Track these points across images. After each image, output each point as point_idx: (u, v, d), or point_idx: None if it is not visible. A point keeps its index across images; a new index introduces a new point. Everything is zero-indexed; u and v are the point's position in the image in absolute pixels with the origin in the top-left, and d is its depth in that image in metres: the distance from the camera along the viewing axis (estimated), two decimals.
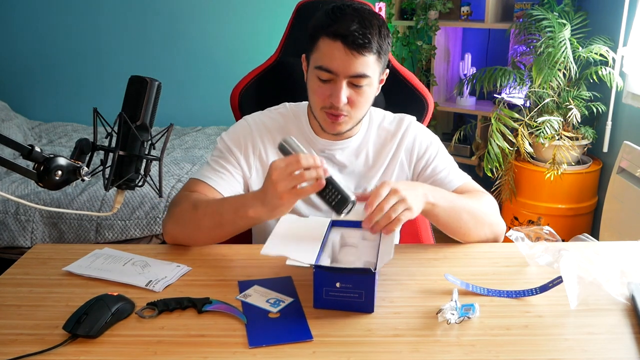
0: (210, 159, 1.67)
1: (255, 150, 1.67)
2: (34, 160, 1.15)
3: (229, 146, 1.66)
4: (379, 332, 1.17)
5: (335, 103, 1.50)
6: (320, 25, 1.49)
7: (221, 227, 1.48)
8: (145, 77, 1.24)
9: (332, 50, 1.47)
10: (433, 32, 4.03)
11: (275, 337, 1.14)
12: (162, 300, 1.25)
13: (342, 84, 1.49)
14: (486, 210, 1.58)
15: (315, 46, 1.51)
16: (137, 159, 1.28)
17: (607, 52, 3.29)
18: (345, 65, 1.47)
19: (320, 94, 1.53)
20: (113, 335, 1.16)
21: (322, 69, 1.49)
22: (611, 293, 1.27)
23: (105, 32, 4.54)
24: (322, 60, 1.49)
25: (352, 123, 1.58)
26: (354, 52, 1.45)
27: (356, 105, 1.53)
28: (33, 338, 1.14)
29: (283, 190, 1.29)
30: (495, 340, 1.13)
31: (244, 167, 1.66)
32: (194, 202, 1.52)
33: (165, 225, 1.56)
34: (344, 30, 1.44)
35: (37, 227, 3.05)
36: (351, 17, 1.46)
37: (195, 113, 4.68)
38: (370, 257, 1.33)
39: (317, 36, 1.50)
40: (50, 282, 1.38)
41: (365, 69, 1.48)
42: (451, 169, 1.70)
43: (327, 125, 1.58)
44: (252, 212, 1.39)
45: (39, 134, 4.35)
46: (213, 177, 1.61)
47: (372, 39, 1.45)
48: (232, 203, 1.46)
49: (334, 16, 1.47)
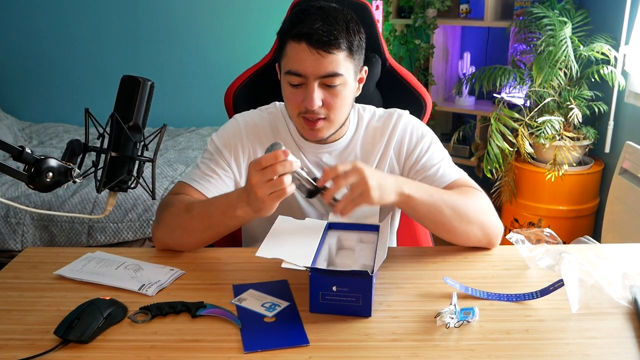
0: (200, 161, 1.67)
1: (245, 151, 1.66)
2: (24, 162, 1.15)
3: (219, 148, 1.65)
4: (376, 336, 1.17)
5: (308, 106, 1.48)
6: (285, 29, 1.49)
7: (211, 229, 1.47)
8: (138, 76, 1.24)
9: (298, 52, 1.46)
10: (431, 31, 4.04)
11: (271, 342, 1.14)
12: (155, 305, 1.25)
13: (313, 86, 1.47)
14: (475, 207, 1.51)
15: (283, 52, 1.51)
16: (129, 161, 1.27)
17: (608, 51, 3.29)
18: (313, 65, 1.45)
19: (293, 100, 1.52)
20: (105, 341, 1.16)
21: (291, 73, 1.48)
22: (613, 296, 1.27)
23: (98, 32, 4.54)
24: (290, 64, 1.48)
25: (333, 127, 1.57)
26: (320, 51, 1.44)
27: (333, 107, 1.51)
28: (24, 343, 1.14)
29: (263, 195, 1.28)
30: (495, 345, 1.14)
31: (234, 170, 1.65)
32: (182, 205, 1.51)
33: (155, 231, 1.55)
34: (308, 30, 1.43)
35: (27, 230, 3.05)
36: (314, 16, 1.45)
37: (188, 113, 4.68)
38: (367, 260, 1.34)
39: (283, 41, 1.50)
40: (41, 286, 1.38)
41: (335, 67, 1.46)
42: (444, 164, 1.64)
43: (306, 132, 1.57)
44: (240, 211, 1.39)
45: (30, 135, 4.34)
46: (201, 182, 1.60)
47: (338, 35, 1.44)
48: (219, 205, 1.45)
49: (297, 18, 1.46)
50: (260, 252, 1.27)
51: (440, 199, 1.46)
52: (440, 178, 1.60)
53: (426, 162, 1.64)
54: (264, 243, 1.31)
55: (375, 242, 1.41)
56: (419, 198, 1.42)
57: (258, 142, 1.67)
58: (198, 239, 1.51)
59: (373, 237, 1.44)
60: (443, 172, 1.61)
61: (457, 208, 1.46)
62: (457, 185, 1.58)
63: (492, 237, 1.53)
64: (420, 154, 1.65)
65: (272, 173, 1.26)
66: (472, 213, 1.48)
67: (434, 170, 1.62)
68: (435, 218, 1.46)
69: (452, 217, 1.46)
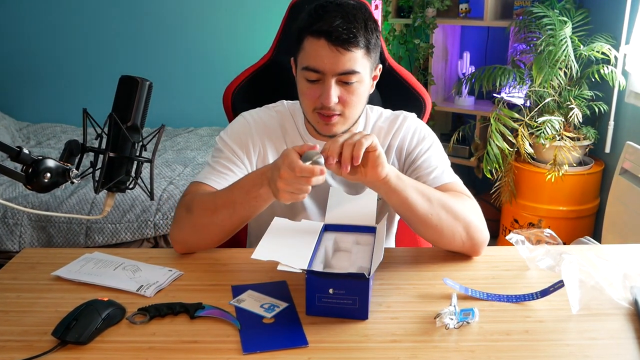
0: (211, 160, 1.66)
1: (255, 148, 1.66)
2: (22, 162, 1.15)
3: (230, 145, 1.65)
4: (375, 337, 1.17)
5: (325, 103, 1.49)
6: (303, 25, 1.49)
7: (236, 215, 1.46)
8: (136, 76, 1.24)
9: (317, 49, 1.46)
10: (431, 30, 4.04)
11: (270, 343, 1.14)
12: (153, 306, 1.25)
13: (330, 83, 1.48)
14: (462, 206, 1.48)
15: (301, 47, 1.51)
16: (127, 161, 1.27)
17: (609, 50, 3.29)
18: (332, 62, 1.46)
19: (309, 95, 1.52)
20: (103, 342, 1.16)
21: (309, 69, 1.49)
22: (614, 297, 1.28)
23: (95, 31, 4.54)
24: (308, 60, 1.49)
25: (347, 124, 1.57)
26: (339, 49, 1.45)
27: (348, 103, 1.52)
28: (21, 345, 1.14)
29: (283, 190, 1.29)
30: (495, 346, 1.14)
31: (247, 166, 1.65)
32: (204, 200, 1.51)
33: (176, 234, 1.54)
34: (328, 27, 1.44)
35: (25, 231, 3.05)
36: (334, 13, 1.45)
37: (187, 114, 4.68)
38: (364, 262, 1.33)
39: (301, 37, 1.50)
40: (39, 287, 1.38)
41: (353, 64, 1.47)
42: (441, 168, 1.62)
43: (320, 127, 1.56)
44: (264, 190, 1.39)
45: (27, 135, 4.34)
46: (216, 179, 1.59)
47: (357, 33, 1.45)
48: (242, 185, 1.45)
49: (317, 14, 1.47)
50: (256, 254, 1.26)
51: (427, 189, 1.45)
52: (433, 179, 1.59)
53: (423, 163, 1.63)
54: (260, 245, 1.31)
55: (372, 243, 1.41)
56: (406, 181, 1.40)
57: (268, 139, 1.67)
58: (222, 229, 1.51)
59: (370, 238, 1.44)
60: (437, 174, 1.60)
61: (444, 202, 1.44)
62: (448, 189, 1.56)
63: (476, 242, 1.49)
64: (419, 154, 1.65)
65: (303, 183, 1.27)
66: (458, 211, 1.45)
67: (428, 171, 1.61)
68: (423, 207, 1.42)
69: (439, 210, 1.43)
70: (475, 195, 1.60)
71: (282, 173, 1.27)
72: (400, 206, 1.43)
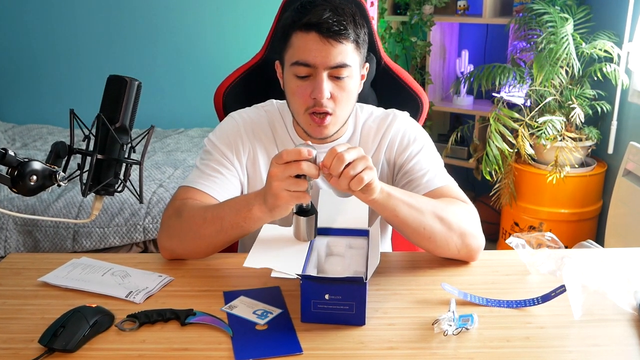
0: (200, 162, 1.65)
1: (245, 150, 1.66)
2: (7, 165, 1.14)
3: (219, 147, 1.64)
4: (372, 344, 1.17)
5: (318, 97, 1.48)
6: (291, 21, 1.50)
7: (223, 232, 1.45)
8: (125, 76, 1.24)
9: (307, 42, 1.47)
10: (428, 28, 4.04)
11: (263, 351, 1.14)
12: (143, 312, 1.25)
13: (322, 77, 1.48)
14: (456, 214, 1.47)
15: (288, 44, 1.51)
16: (116, 163, 1.27)
17: (611, 48, 3.29)
18: (324, 55, 1.46)
19: (300, 94, 1.52)
20: (91, 349, 1.16)
21: (299, 63, 1.49)
22: (617, 302, 1.28)
23: (82, 30, 4.53)
24: (297, 55, 1.49)
25: (338, 124, 1.57)
26: (330, 41, 1.46)
27: (339, 101, 1.52)
28: (7, 352, 1.14)
29: (280, 190, 1.28)
30: (495, 353, 1.14)
31: (237, 168, 1.64)
32: (193, 210, 1.50)
33: (163, 240, 1.54)
34: (317, 19, 1.45)
35: (10, 236, 3.04)
36: (322, 6, 1.46)
37: (177, 114, 4.67)
38: (358, 266, 1.33)
39: (289, 34, 1.51)
40: (25, 293, 1.37)
41: (344, 57, 1.48)
42: (433, 170, 1.61)
43: (313, 129, 1.56)
44: (256, 209, 1.38)
45: (13, 136, 4.33)
46: (205, 182, 1.59)
47: (347, 25, 1.46)
48: (233, 204, 1.44)
49: (304, 9, 1.48)
50: (248, 262, 1.27)
51: (419, 201, 1.44)
52: (425, 183, 1.58)
53: (414, 166, 1.62)
54: (251, 252, 1.31)
55: (365, 247, 1.41)
56: (398, 197, 1.39)
57: (257, 140, 1.67)
58: (209, 244, 1.50)
59: (363, 242, 1.44)
60: (429, 178, 1.59)
61: (437, 213, 1.43)
62: (442, 193, 1.55)
63: (472, 248, 1.49)
64: (409, 157, 1.64)
65: (294, 169, 1.25)
66: (452, 220, 1.45)
67: (420, 175, 1.60)
68: (415, 221, 1.41)
69: (432, 222, 1.42)
70: (474, 197, 1.61)
71: (271, 170, 1.28)
72: (391, 220, 1.44)
